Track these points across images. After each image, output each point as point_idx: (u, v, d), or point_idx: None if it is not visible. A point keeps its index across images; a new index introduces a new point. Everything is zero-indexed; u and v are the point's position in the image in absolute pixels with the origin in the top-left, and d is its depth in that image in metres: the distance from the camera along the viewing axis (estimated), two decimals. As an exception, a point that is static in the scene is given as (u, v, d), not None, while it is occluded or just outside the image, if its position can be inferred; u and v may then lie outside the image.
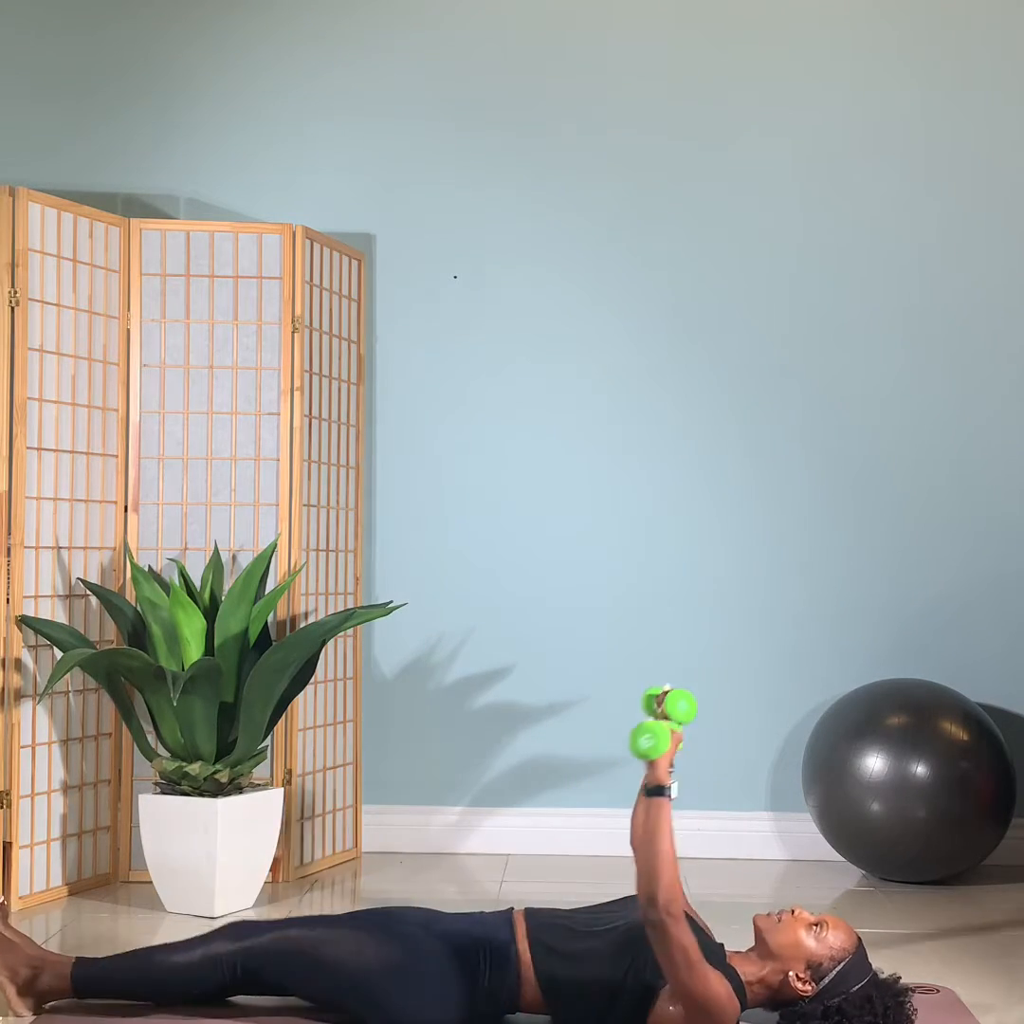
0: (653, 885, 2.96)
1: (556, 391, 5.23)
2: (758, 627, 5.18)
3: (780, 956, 3.12)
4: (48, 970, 3.29)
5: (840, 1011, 3.04)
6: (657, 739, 2.98)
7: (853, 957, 3.11)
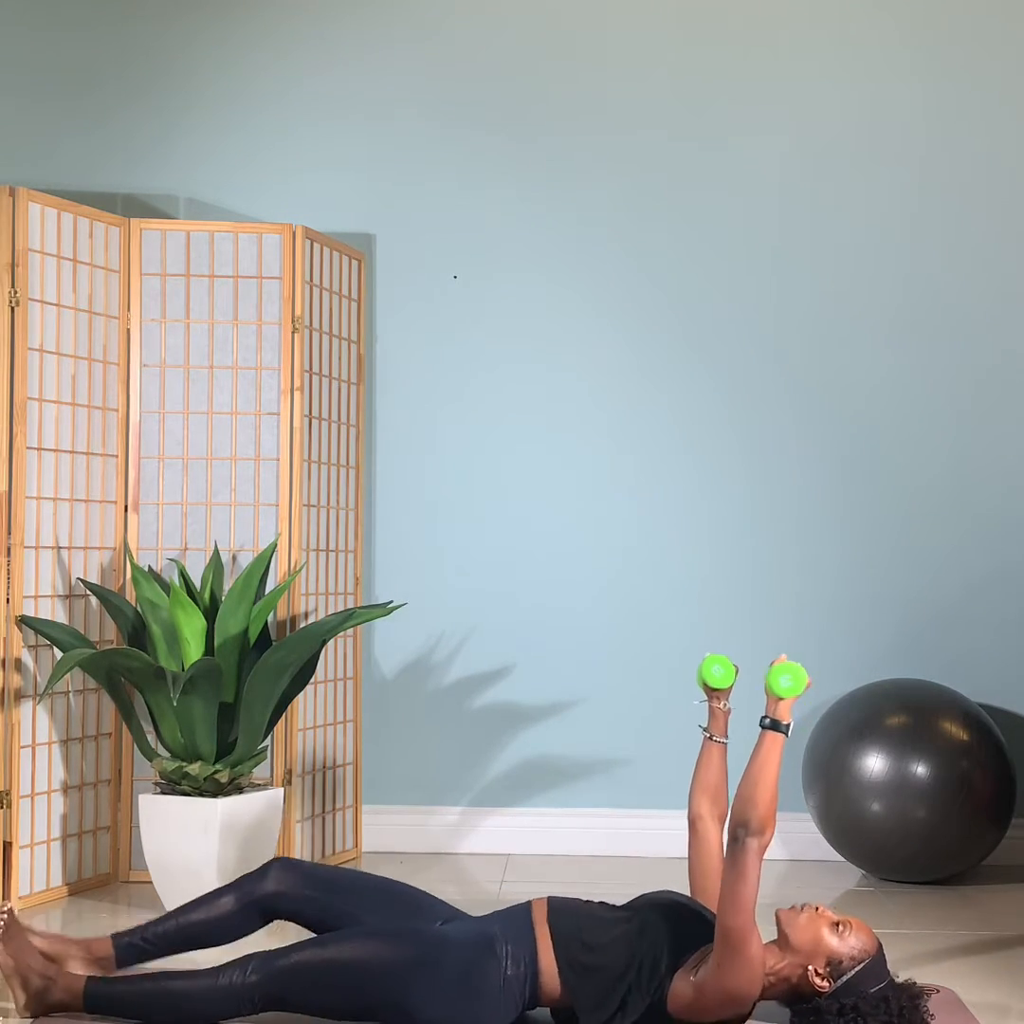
0: (749, 809, 3.02)
1: (556, 391, 5.23)
2: (758, 627, 5.18)
3: (801, 951, 3.12)
4: (61, 983, 3.25)
5: (856, 1009, 3.04)
6: (796, 680, 3.09)
7: (873, 959, 3.11)
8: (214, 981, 3.18)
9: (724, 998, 3.08)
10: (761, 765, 3.08)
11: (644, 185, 5.23)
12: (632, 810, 5.14)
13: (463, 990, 3.13)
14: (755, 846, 3.01)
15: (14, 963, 3.26)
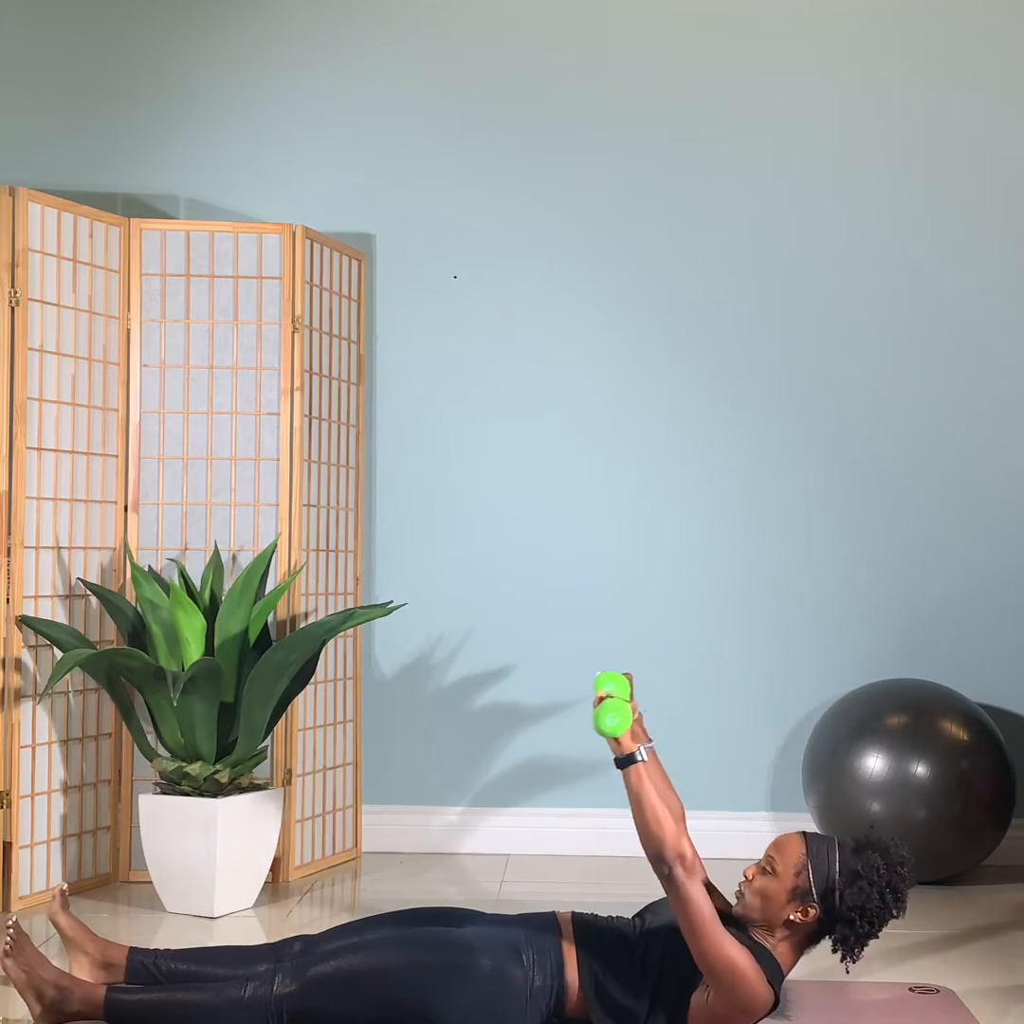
0: (655, 846, 3.02)
1: (556, 390, 5.23)
2: (758, 627, 5.18)
3: (771, 918, 3.13)
4: (79, 994, 3.22)
5: (852, 908, 3.04)
6: (621, 716, 3.05)
7: (809, 856, 3.10)
8: (240, 993, 3.15)
9: (739, 1012, 3.07)
10: (636, 802, 3.05)
11: (645, 184, 5.23)
12: (632, 810, 5.13)
13: (490, 998, 3.12)
14: (681, 872, 3.01)
15: (26, 976, 3.25)
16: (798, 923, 3.11)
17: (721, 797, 5.13)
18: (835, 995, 3.63)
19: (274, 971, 3.18)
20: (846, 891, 3.06)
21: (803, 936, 3.15)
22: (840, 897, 3.06)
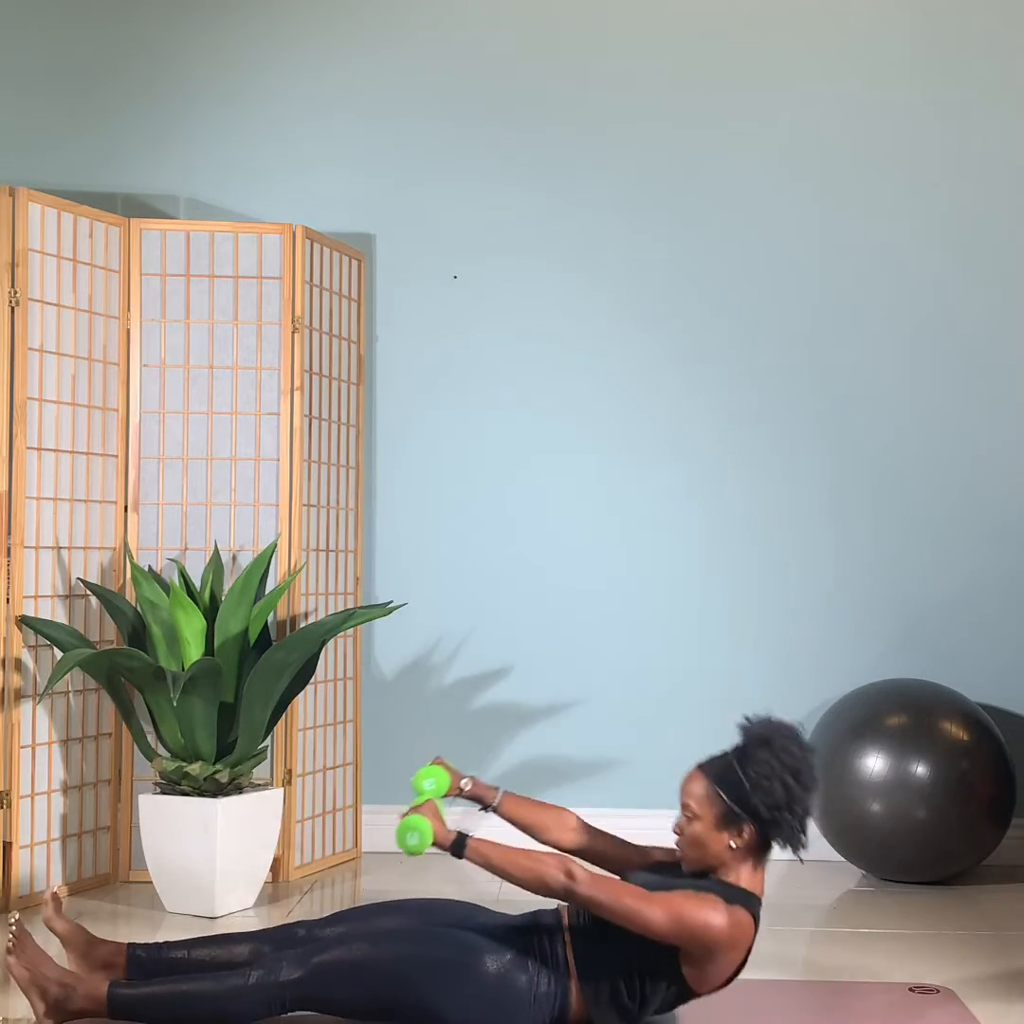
0: (538, 886, 3.06)
1: (557, 390, 5.23)
2: (758, 627, 5.18)
3: (717, 856, 3.14)
4: (82, 991, 3.22)
5: (771, 808, 3.06)
6: (422, 833, 3.10)
7: (716, 783, 3.13)
8: (243, 981, 3.14)
9: (725, 952, 3.07)
10: (497, 870, 3.09)
11: (646, 184, 5.23)
12: (632, 810, 5.13)
13: (493, 1002, 3.12)
14: (577, 885, 3.03)
15: (29, 974, 3.24)
16: (741, 846, 3.12)
17: (721, 797, 5.13)
18: (835, 995, 3.63)
19: (278, 958, 3.17)
20: (758, 796, 3.07)
21: (752, 854, 3.15)
22: (758, 804, 3.07)
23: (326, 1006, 3.16)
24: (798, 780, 3.08)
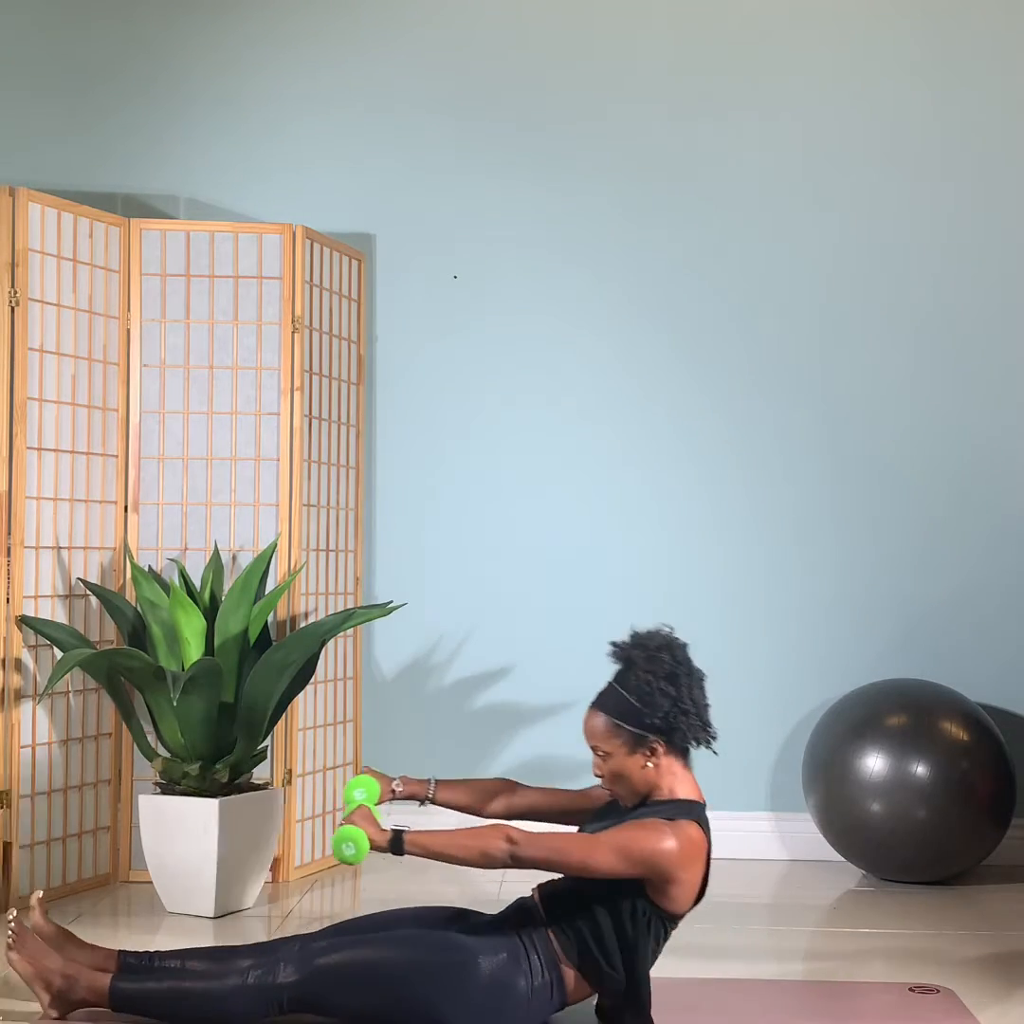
0: (482, 861, 3.09)
1: (557, 390, 5.23)
2: (758, 627, 5.18)
3: (643, 781, 3.16)
4: (84, 982, 3.25)
5: (667, 714, 3.11)
6: (356, 842, 3.13)
7: (610, 714, 3.17)
8: (242, 981, 3.16)
9: (681, 868, 3.07)
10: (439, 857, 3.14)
11: (648, 182, 5.23)
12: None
13: (493, 1002, 3.13)
14: (523, 844, 3.06)
15: (33, 968, 3.28)
16: (658, 762, 3.15)
17: (721, 797, 5.10)
18: (835, 995, 3.63)
19: (277, 959, 3.18)
20: (649, 712, 3.12)
21: (672, 763, 3.17)
22: (652, 718, 3.12)
23: (324, 1009, 3.17)
24: (675, 682, 3.14)
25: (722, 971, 3.79)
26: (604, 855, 3.06)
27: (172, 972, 3.26)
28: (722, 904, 4.51)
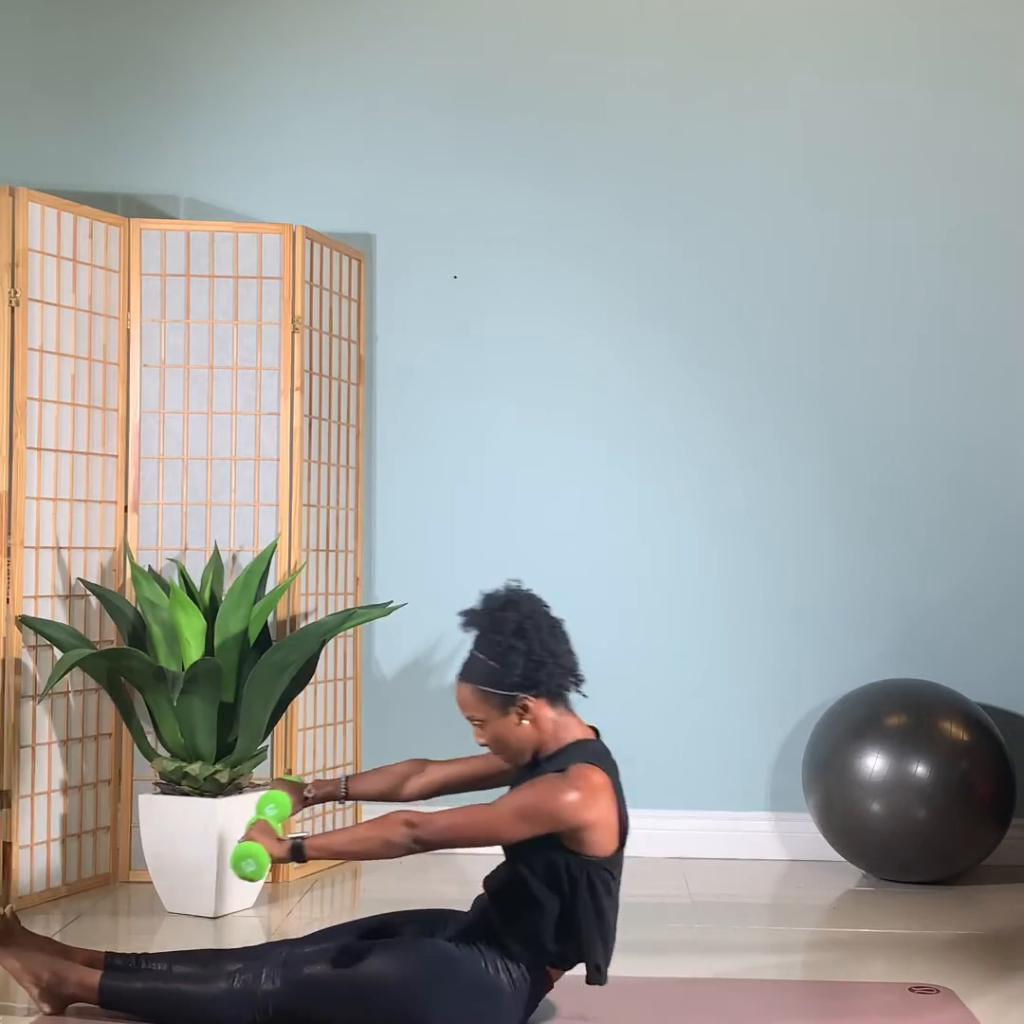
0: (387, 851, 3.11)
1: (557, 391, 5.23)
2: (758, 627, 5.18)
3: (526, 740, 3.19)
4: (74, 978, 3.28)
5: (527, 668, 3.12)
6: (258, 861, 3.17)
7: (475, 681, 3.16)
8: (229, 985, 3.18)
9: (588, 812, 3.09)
10: (344, 855, 3.25)
11: (649, 182, 5.23)
12: (632, 810, 5.12)
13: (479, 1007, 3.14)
14: (423, 826, 3.10)
15: (19, 963, 3.31)
16: (533, 716, 3.16)
17: (721, 797, 5.14)
18: (835, 995, 3.63)
19: (262, 966, 3.20)
20: (509, 672, 3.12)
21: (548, 713, 3.18)
22: (514, 677, 3.12)
23: (307, 1016, 3.17)
24: (524, 636, 3.13)
25: (722, 971, 3.79)
26: (507, 823, 3.09)
27: (159, 974, 3.29)
28: (722, 904, 4.52)
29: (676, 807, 5.15)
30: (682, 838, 5.12)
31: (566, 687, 3.20)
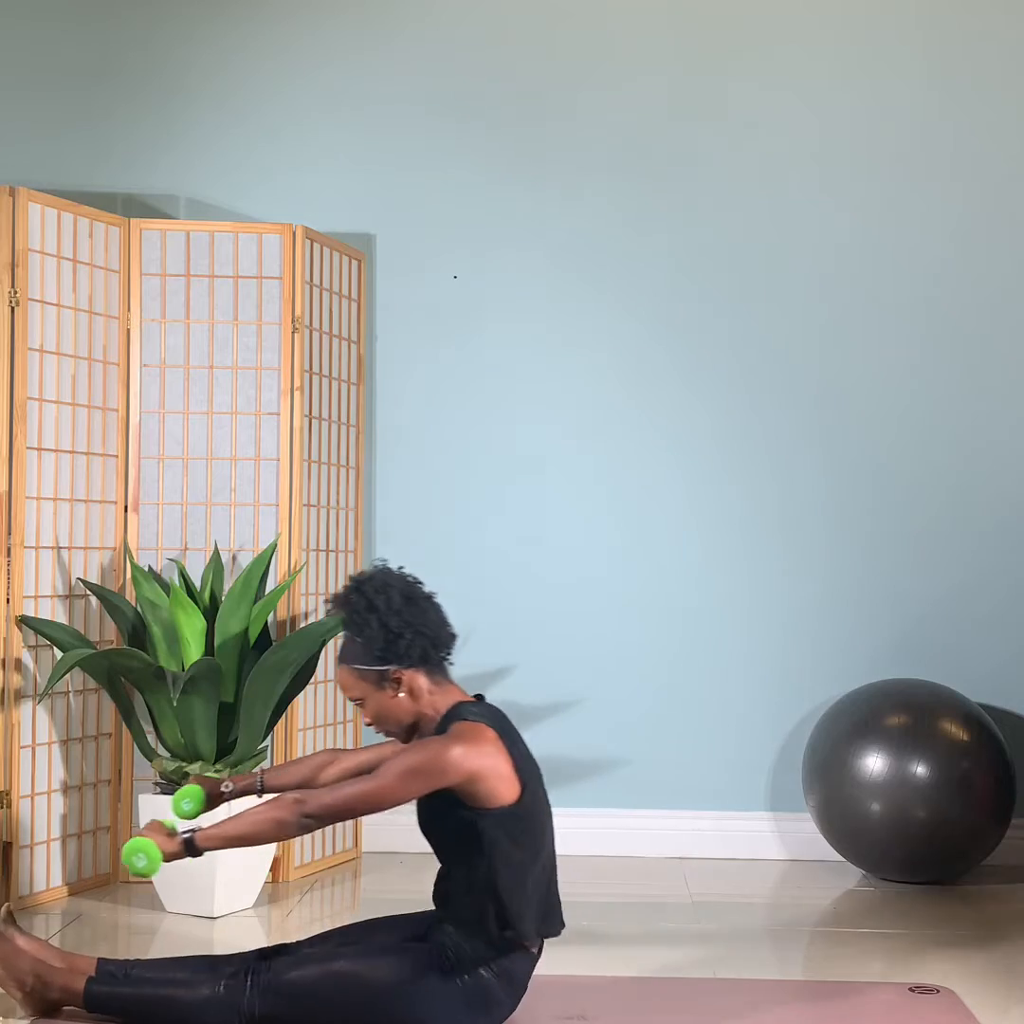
0: (281, 833, 3.13)
1: (557, 390, 5.23)
2: (758, 627, 5.18)
3: (408, 710, 3.22)
4: (58, 983, 3.28)
5: (387, 640, 3.17)
6: (147, 853, 3.16)
7: (351, 662, 3.22)
8: (214, 991, 3.18)
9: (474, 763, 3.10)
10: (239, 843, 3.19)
11: (648, 183, 5.23)
12: (632, 810, 5.14)
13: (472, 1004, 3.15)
14: (311, 802, 3.11)
15: (3, 968, 3.30)
16: (407, 687, 3.20)
17: (721, 797, 5.14)
18: (835, 995, 3.63)
19: (248, 971, 3.21)
20: (376, 647, 3.17)
21: (423, 683, 3.22)
22: (382, 652, 3.17)
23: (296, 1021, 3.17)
24: (377, 611, 3.18)
25: (722, 971, 3.79)
26: (395, 784, 3.09)
27: (145, 980, 3.29)
28: (722, 904, 4.52)
29: (676, 807, 5.15)
30: (682, 838, 5.12)
31: (431, 656, 3.23)
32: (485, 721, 3.18)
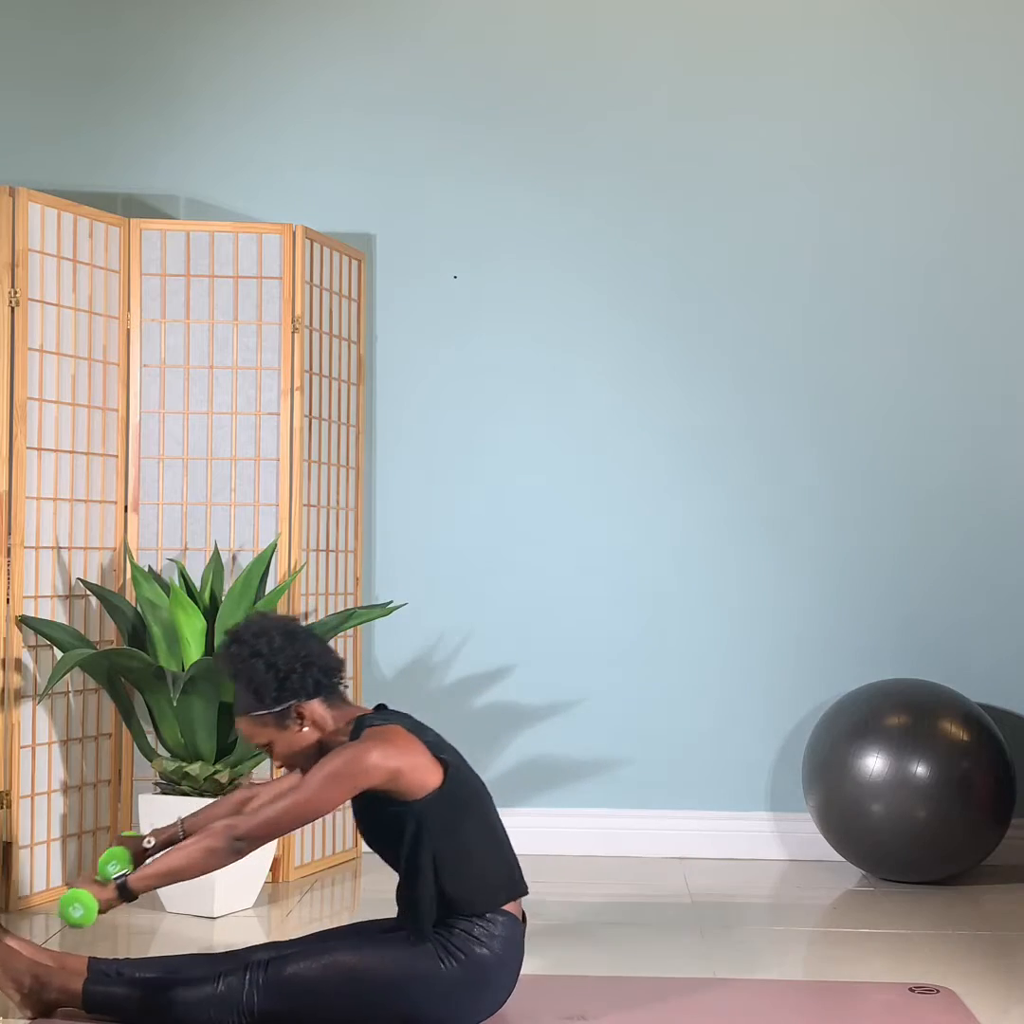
0: (218, 856, 3.15)
1: (557, 390, 5.23)
2: (758, 627, 5.18)
3: (311, 744, 3.24)
4: (56, 983, 3.27)
5: (281, 673, 3.20)
6: (83, 903, 3.22)
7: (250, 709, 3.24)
8: (213, 989, 3.18)
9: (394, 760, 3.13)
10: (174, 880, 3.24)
11: (647, 183, 5.23)
12: (632, 810, 5.14)
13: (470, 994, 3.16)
14: (241, 824, 3.15)
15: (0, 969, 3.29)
16: (309, 720, 3.23)
17: (721, 797, 5.14)
18: (835, 995, 3.63)
19: (246, 969, 3.20)
20: (268, 690, 3.20)
21: (322, 712, 3.24)
22: (274, 693, 3.20)
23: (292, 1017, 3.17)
24: (261, 656, 3.22)
25: (722, 971, 3.79)
26: (320, 793, 3.12)
27: (143, 979, 3.28)
28: (722, 904, 4.51)
29: (676, 807, 5.15)
30: (682, 838, 5.12)
31: (323, 684, 3.26)
32: (389, 721, 3.23)
